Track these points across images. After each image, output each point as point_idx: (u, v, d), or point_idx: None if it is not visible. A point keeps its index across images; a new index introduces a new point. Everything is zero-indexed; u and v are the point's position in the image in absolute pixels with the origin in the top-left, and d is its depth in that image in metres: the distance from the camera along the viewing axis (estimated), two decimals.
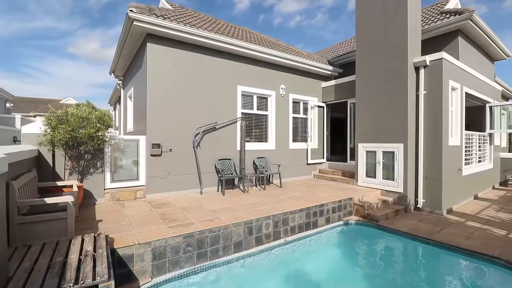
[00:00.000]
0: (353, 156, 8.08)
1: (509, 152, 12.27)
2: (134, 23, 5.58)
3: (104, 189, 5.57)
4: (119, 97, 11.95)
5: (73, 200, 3.41)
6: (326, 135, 9.80)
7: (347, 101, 8.99)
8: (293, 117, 9.02)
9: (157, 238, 3.51)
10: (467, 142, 7.43)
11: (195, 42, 6.54)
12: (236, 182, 7.35)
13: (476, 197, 7.89)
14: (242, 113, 7.61)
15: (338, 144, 11.23)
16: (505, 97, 13.87)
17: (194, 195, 6.34)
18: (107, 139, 5.25)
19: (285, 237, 4.77)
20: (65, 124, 4.61)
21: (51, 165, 4.98)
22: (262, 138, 8.33)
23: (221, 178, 6.45)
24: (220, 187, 6.71)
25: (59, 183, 4.62)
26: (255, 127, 8.14)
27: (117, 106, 14.24)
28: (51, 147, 4.69)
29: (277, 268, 4.07)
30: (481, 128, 8.76)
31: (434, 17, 8.38)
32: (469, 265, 4.04)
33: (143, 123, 6.25)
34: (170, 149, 6.21)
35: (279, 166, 7.74)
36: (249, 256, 4.20)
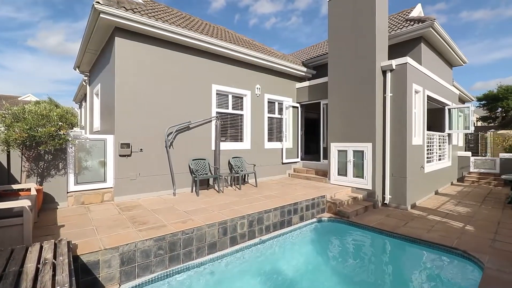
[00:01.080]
0: (326, 156, 8.32)
1: (465, 151, 13.38)
2: (101, 15, 5.27)
3: (67, 192, 5.20)
4: (85, 94, 11.24)
5: (30, 204, 3.13)
6: (301, 135, 10.00)
7: (320, 102, 9.24)
8: (268, 117, 9.08)
9: (126, 243, 3.34)
10: (428, 141, 7.98)
11: (167, 38, 6.34)
12: (211, 182, 7.24)
13: (436, 193, 8.50)
14: (217, 112, 7.52)
15: (312, 143, 11.53)
16: (461, 100, 15.11)
17: (167, 196, 6.14)
18: (70, 139, 4.91)
19: (260, 236, 4.79)
20: (22, 122, 4.23)
21: (6, 167, 4.55)
22: (238, 137, 8.29)
23: (195, 179, 6.32)
24: (194, 187, 6.56)
25: (15, 186, 4.22)
26: (230, 127, 8.08)
27: (83, 103, 13.40)
28: (5, 147, 4.27)
29: (253, 267, 4.07)
30: (441, 129, 9.46)
31: (400, 24, 8.89)
32: (431, 255, 4.34)
33: (111, 122, 5.93)
34: (141, 149, 5.96)
35: (254, 165, 7.76)
36: (223, 257, 4.16)
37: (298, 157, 9.87)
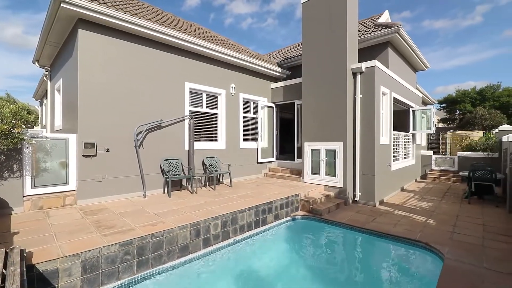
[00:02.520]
0: (301, 155, 8.45)
1: (427, 150, 14.32)
2: (62, 5, 4.90)
3: (23, 196, 4.75)
4: (46, 91, 10.42)
5: None
6: (276, 135, 10.08)
7: (294, 102, 9.38)
8: (243, 117, 9.04)
9: (88, 249, 3.11)
10: (395, 141, 8.43)
11: (136, 32, 6.06)
12: (184, 183, 7.04)
13: (402, 189, 9.00)
14: (190, 111, 7.33)
15: (287, 143, 11.67)
16: (424, 103, 16.18)
17: (136, 198, 5.86)
18: (26, 138, 4.50)
19: (234, 237, 4.72)
20: None
21: None
22: (212, 137, 8.15)
23: (167, 179, 6.10)
24: (166, 189, 6.34)
25: None
26: (204, 126, 7.92)
27: (44, 100, 12.42)
28: None
29: (226, 268, 4.01)
30: (406, 129, 10.03)
31: (369, 29, 9.30)
32: (397, 248, 4.56)
33: (74, 120, 5.53)
34: (107, 149, 5.62)
35: (229, 165, 7.67)
36: (196, 259, 4.05)
37: (273, 157, 9.94)
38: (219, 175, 7.88)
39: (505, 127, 9.61)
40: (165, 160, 6.53)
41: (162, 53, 6.64)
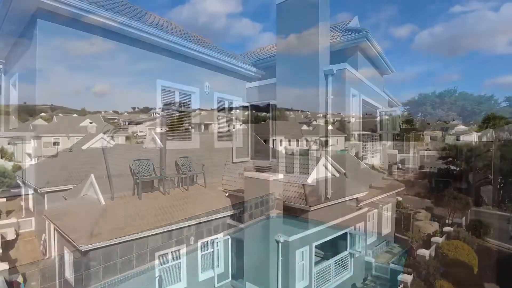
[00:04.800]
0: (275, 154, 8.52)
1: (393, 148, 15.18)
2: None
3: None
4: (0, 86, 9.48)
5: None
6: (251, 134, 10.07)
7: (269, 102, 9.44)
8: (218, 116, 8.92)
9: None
10: (364, 140, 8.82)
11: (101, 25, 5.70)
12: (156, 184, 6.77)
13: (370, 186, 9.42)
14: (163, 109, 7.08)
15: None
16: (390, 105, 17.14)
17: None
18: None
19: (209, 237, 4.66)
20: None
21: None
22: (186, 136, 7.95)
23: (138, 181, 5.82)
24: (136, 190, 6.05)
25: None
26: (178, 125, 7.70)
27: None
28: None
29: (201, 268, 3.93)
30: (374, 130, 10.53)
31: (340, 33, 9.63)
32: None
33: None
34: (70, 149, 5.26)
35: (203, 165, 7.52)
36: (168, 262, 3.92)
37: (248, 156, 9.91)
38: (193, 176, 7.68)
39: (461, 128, 10.49)
40: (134, 160, 6.23)
41: (131, 48, 6.34)
